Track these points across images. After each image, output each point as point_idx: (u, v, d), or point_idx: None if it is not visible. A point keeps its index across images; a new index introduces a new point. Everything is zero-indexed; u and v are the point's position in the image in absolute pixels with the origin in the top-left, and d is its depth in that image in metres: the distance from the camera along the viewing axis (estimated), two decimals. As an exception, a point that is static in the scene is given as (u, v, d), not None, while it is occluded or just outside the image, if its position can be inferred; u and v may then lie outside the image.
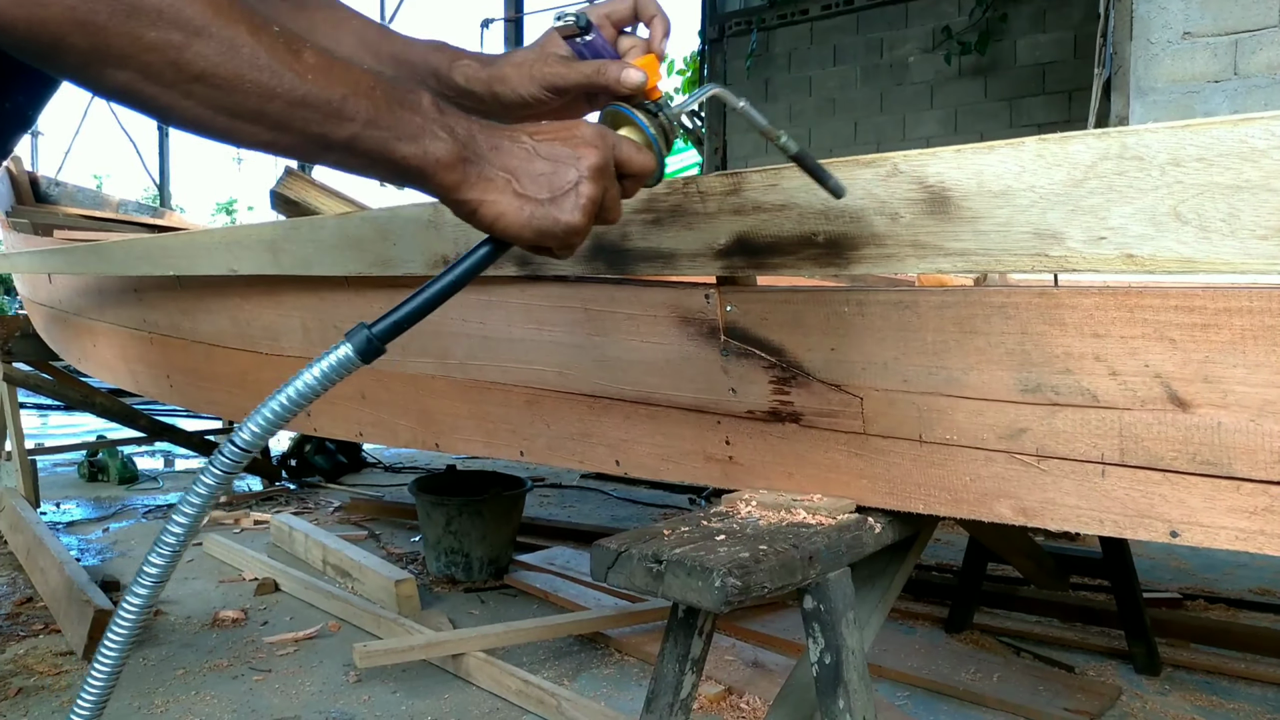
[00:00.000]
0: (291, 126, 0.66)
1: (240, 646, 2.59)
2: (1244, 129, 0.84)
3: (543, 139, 0.76)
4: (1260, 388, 0.93)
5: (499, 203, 0.74)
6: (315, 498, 4.56)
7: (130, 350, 2.99)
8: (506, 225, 0.75)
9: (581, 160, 0.75)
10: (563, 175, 0.75)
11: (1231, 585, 3.04)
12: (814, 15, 7.10)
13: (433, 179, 0.72)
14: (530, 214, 0.74)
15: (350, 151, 0.69)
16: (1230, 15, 3.23)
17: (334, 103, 0.66)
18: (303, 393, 0.76)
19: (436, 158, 0.71)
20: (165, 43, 0.59)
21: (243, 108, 0.64)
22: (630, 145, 0.80)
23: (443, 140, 0.71)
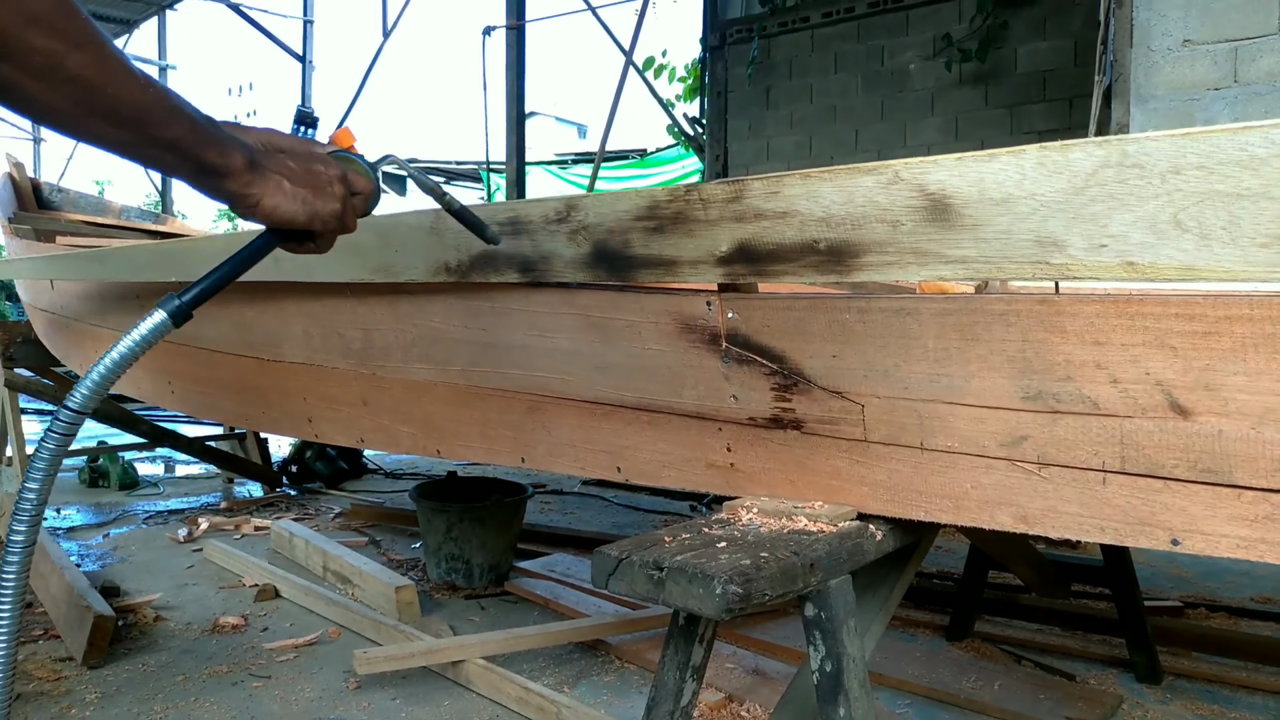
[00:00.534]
0: (130, 126, 0.85)
1: (240, 653, 2.59)
2: (1244, 137, 0.84)
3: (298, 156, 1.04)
4: (1261, 395, 0.93)
5: (274, 196, 0.99)
6: (316, 504, 4.56)
7: (132, 356, 2.99)
8: (283, 212, 1.00)
9: (330, 170, 1.05)
10: (319, 177, 1.03)
11: (1233, 593, 3.03)
12: (815, 23, 7.11)
13: (229, 178, 0.95)
14: (301, 201, 1.01)
15: (172, 150, 0.89)
16: (1230, 23, 3.24)
17: (166, 111, 0.87)
18: (125, 355, 0.95)
19: (232, 163, 0.94)
20: (50, 49, 0.75)
21: (98, 106, 0.81)
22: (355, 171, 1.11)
23: (238, 152, 0.95)
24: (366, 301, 1.87)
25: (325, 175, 1.04)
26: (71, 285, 3.19)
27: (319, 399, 2.16)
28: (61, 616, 2.71)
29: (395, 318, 1.82)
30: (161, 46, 13.27)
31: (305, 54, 11.40)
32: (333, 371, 2.06)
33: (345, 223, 1.07)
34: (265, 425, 2.56)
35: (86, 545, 3.79)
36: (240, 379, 2.43)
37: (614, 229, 1.31)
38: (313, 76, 11.33)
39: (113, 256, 2.65)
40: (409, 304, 1.77)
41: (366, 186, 1.11)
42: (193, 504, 4.62)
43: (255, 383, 2.38)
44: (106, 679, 2.40)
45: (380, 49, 9.97)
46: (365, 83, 9.93)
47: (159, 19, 12.88)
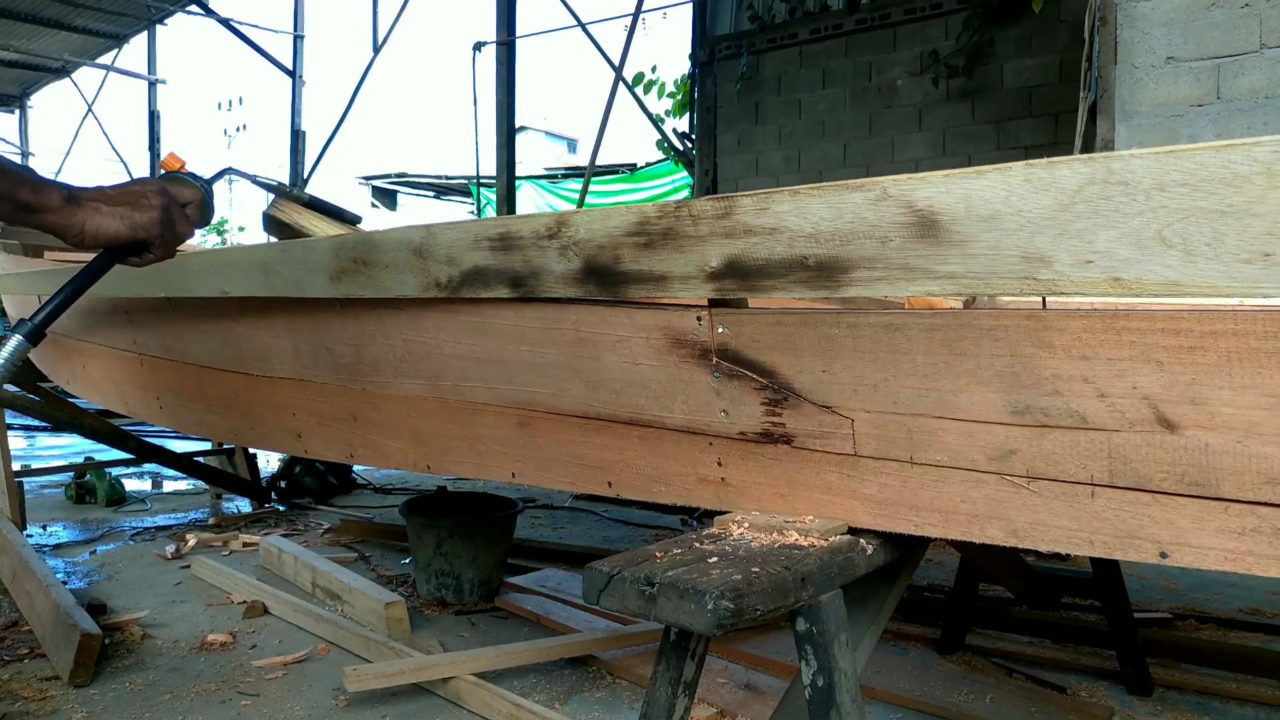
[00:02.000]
0: None
1: (228, 670, 2.56)
2: (1227, 154, 0.85)
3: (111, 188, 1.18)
4: (1246, 409, 0.94)
5: (95, 219, 1.12)
6: (305, 519, 4.53)
7: (120, 371, 2.98)
8: (105, 230, 1.13)
9: (145, 187, 1.19)
10: (134, 194, 1.17)
11: (1222, 605, 3.05)
12: (803, 39, 7.17)
13: (48, 211, 1.07)
14: (120, 218, 1.14)
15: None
16: (1213, 40, 3.28)
17: None
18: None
19: (49, 197, 1.08)
20: None
21: None
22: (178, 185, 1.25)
23: (53, 190, 1.08)
24: (357, 317, 1.87)
25: (139, 191, 1.17)
26: (59, 300, 3.17)
27: (308, 414, 2.16)
28: (47, 635, 2.68)
29: (385, 333, 1.82)
30: (151, 61, 13.27)
31: (296, 69, 11.40)
32: (322, 387, 2.06)
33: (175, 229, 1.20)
34: (254, 441, 2.54)
35: (73, 562, 3.76)
36: (229, 394, 2.42)
37: (604, 245, 1.32)
38: (303, 91, 11.34)
39: (101, 272, 2.64)
40: (399, 319, 1.77)
41: (193, 196, 1.27)
42: (180, 520, 4.59)
43: (244, 398, 2.37)
44: (93, 698, 2.38)
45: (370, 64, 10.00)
46: (355, 97, 9.95)
47: (149, 34, 12.88)
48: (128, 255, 1.20)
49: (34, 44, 12.07)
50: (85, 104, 13.66)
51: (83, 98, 13.67)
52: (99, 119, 13.86)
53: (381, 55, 10.12)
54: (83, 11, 11.20)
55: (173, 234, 1.19)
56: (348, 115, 9.98)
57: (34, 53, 12.33)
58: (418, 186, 17.18)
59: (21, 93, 14.54)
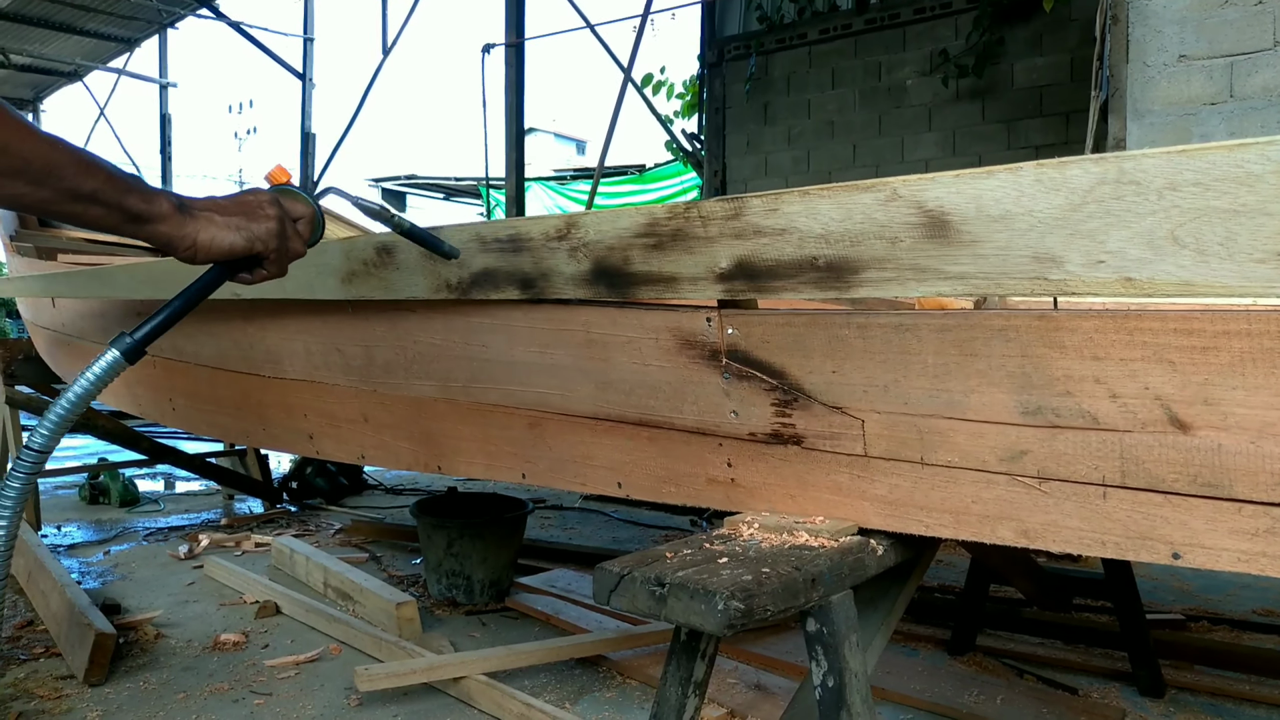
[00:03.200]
0: (47, 182, 0.88)
1: (241, 670, 2.58)
2: (1240, 154, 0.85)
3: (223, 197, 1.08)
4: (1260, 410, 0.93)
5: (209, 230, 1.02)
6: (316, 520, 4.55)
7: (132, 373, 2.99)
8: (220, 243, 1.03)
9: (259, 196, 1.10)
10: (249, 204, 1.08)
11: (1235, 607, 3.03)
12: (812, 39, 7.16)
13: (158, 221, 0.98)
14: (236, 228, 1.05)
15: (94, 201, 0.92)
16: (1226, 38, 3.26)
17: (80, 166, 0.90)
18: (81, 395, 0.97)
19: (159, 206, 0.98)
20: None
21: (9, 167, 0.85)
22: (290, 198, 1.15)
23: (161, 199, 0.98)
24: (368, 318, 1.88)
25: (254, 202, 1.08)
26: (73, 303, 3.20)
27: (320, 415, 2.17)
28: (62, 634, 2.70)
29: (396, 335, 1.83)
30: (163, 65, 13.35)
31: (306, 72, 11.46)
32: (333, 388, 2.07)
33: (288, 245, 1.11)
34: (266, 442, 2.56)
35: (87, 562, 3.78)
36: (241, 396, 2.43)
37: (614, 246, 1.32)
38: (313, 94, 11.39)
39: (114, 274, 2.66)
40: (410, 321, 1.78)
41: (305, 211, 1.16)
42: (193, 521, 4.61)
43: (256, 399, 2.38)
44: (108, 697, 2.40)
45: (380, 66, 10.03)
46: (365, 100, 9.98)
47: (160, 38, 12.96)
48: (240, 271, 1.10)
49: (47, 48, 12.16)
50: (97, 107, 13.75)
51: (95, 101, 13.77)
52: (111, 122, 13.94)
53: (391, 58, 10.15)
54: (94, 16, 11.28)
55: (287, 249, 1.11)
56: (357, 118, 10.02)
57: (46, 57, 12.42)
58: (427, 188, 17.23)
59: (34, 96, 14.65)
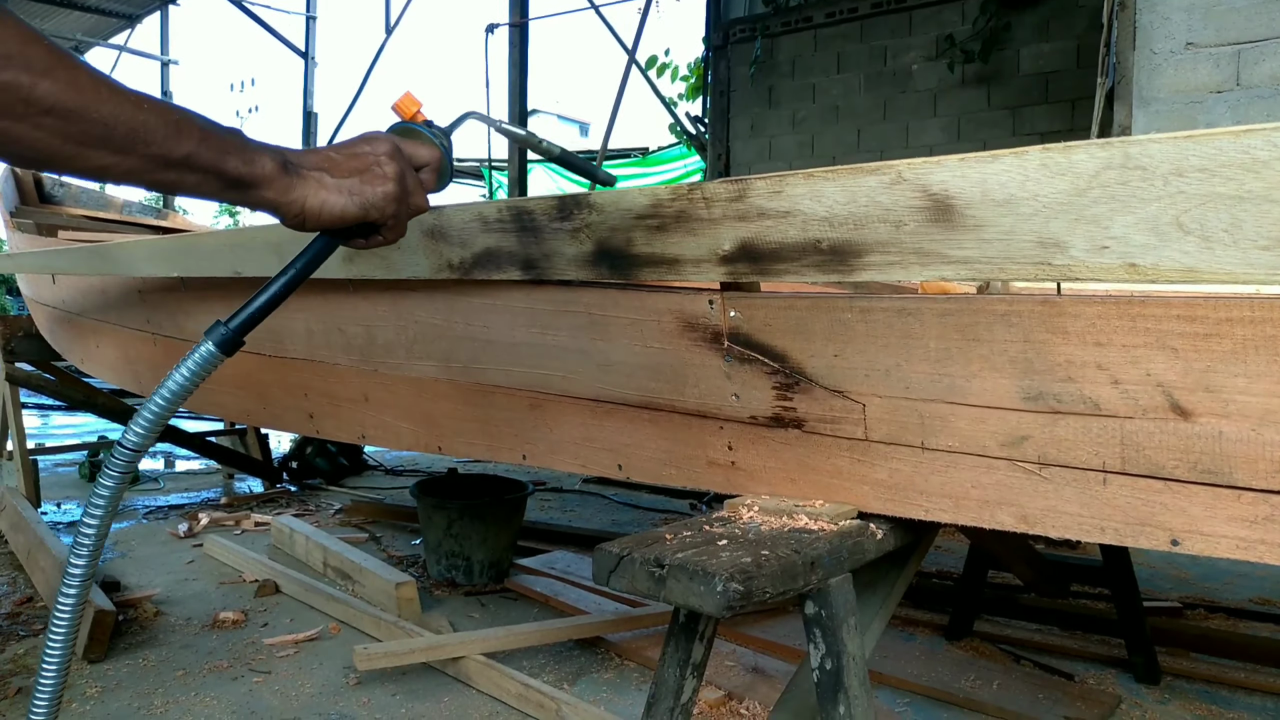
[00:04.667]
0: (134, 149, 0.77)
1: (240, 648, 2.59)
2: (1246, 140, 0.84)
3: (337, 147, 0.93)
4: (1261, 397, 0.93)
5: (319, 194, 0.88)
6: (316, 500, 4.56)
7: (133, 351, 3.00)
8: (331, 209, 0.89)
9: (377, 148, 0.93)
10: (365, 160, 0.92)
11: (1232, 594, 3.04)
12: (818, 22, 7.11)
13: (262, 185, 0.85)
14: (349, 192, 0.90)
15: (188, 167, 0.80)
16: (1233, 26, 3.24)
17: (170, 126, 0.78)
18: (175, 391, 0.88)
19: (262, 168, 0.85)
20: (15, 83, 0.68)
21: (89, 135, 0.74)
22: (414, 142, 0.99)
23: (264, 157, 0.85)
24: (369, 298, 1.87)
25: (371, 156, 0.92)
26: (73, 280, 3.19)
27: (320, 395, 2.17)
28: (62, 610, 2.71)
29: (398, 314, 1.82)
30: (164, 42, 13.28)
31: (308, 50, 11.40)
32: (334, 368, 2.07)
33: (410, 202, 0.96)
34: (266, 421, 2.56)
35: (87, 540, 3.79)
36: (242, 375, 2.43)
37: (617, 227, 1.32)
38: (315, 73, 11.34)
39: (114, 251, 2.65)
40: (412, 301, 1.78)
41: (431, 156, 1.00)
42: (193, 499, 4.63)
43: (257, 378, 2.38)
44: (107, 673, 2.41)
45: (383, 45, 9.98)
46: (368, 79, 9.94)
47: (161, 14, 12.89)
48: (353, 237, 0.95)
49: (47, 24, 12.09)
50: (98, 84, 13.67)
51: (96, 78, 13.68)
52: (112, 100, 13.87)
53: (394, 36, 10.09)
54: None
55: (407, 209, 0.96)
56: (360, 96, 9.98)
57: (47, 32, 12.33)
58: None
59: (35, 73, 14.58)
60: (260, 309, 0.91)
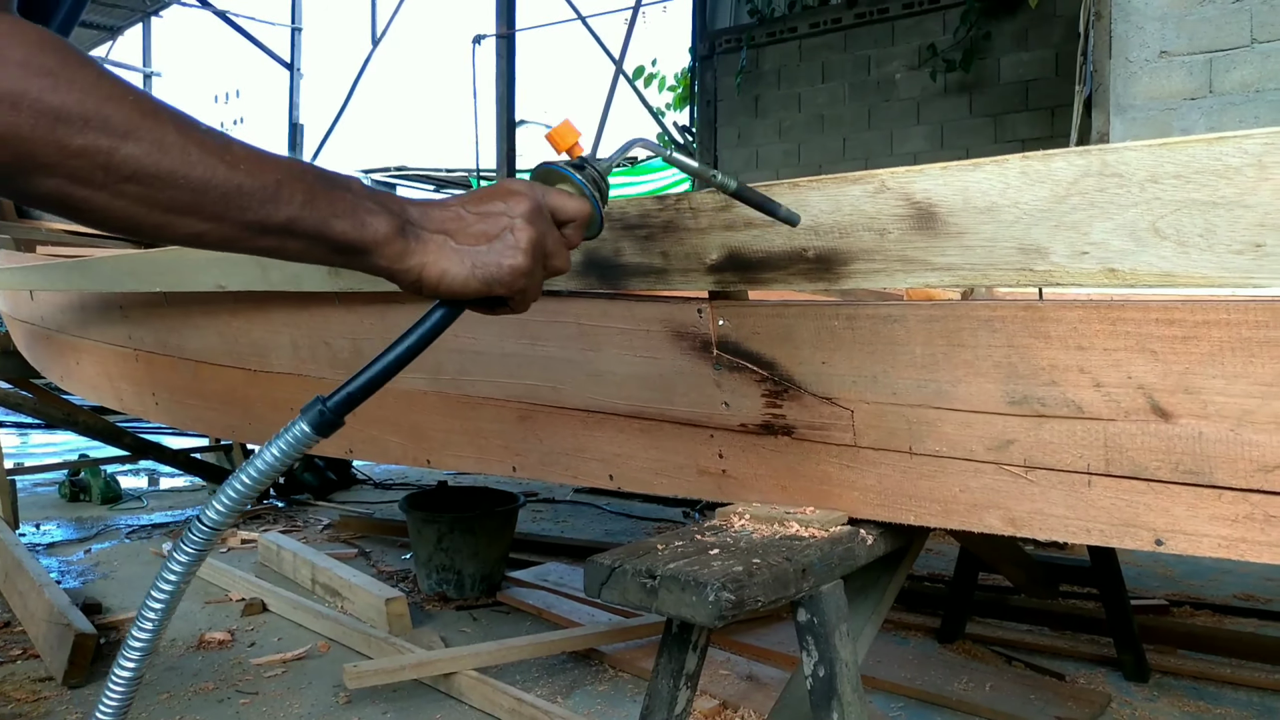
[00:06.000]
0: (228, 215, 0.67)
1: (226, 669, 2.57)
2: (1219, 147, 0.86)
3: (472, 198, 0.80)
4: (1238, 398, 0.95)
5: (439, 262, 0.76)
6: (304, 515, 4.54)
7: (114, 368, 2.98)
8: (452, 281, 0.77)
9: (513, 207, 0.79)
10: (496, 223, 0.78)
11: (1217, 591, 3.07)
12: (802, 33, 7.17)
13: (374, 251, 0.74)
14: (472, 265, 0.77)
15: (289, 233, 0.71)
16: (1205, 35, 3.29)
17: (269, 188, 0.68)
18: (263, 470, 0.79)
19: (375, 230, 0.73)
20: (94, 148, 0.60)
21: (177, 202, 0.65)
22: (561, 194, 0.85)
23: (378, 214, 0.74)
24: (355, 310, 1.88)
25: (505, 219, 0.78)
26: (52, 295, 3.17)
27: (309, 410, 2.16)
28: (41, 635, 2.67)
29: (385, 327, 1.83)
30: (146, 53, 13.24)
31: (294, 62, 11.38)
32: (320, 382, 2.06)
33: (548, 266, 0.82)
34: (252, 437, 2.55)
35: (67, 561, 3.75)
36: (226, 390, 2.42)
37: (605, 237, 1.33)
38: (301, 84, 11.32)
39: (94, 266, 2.64)
40: (400, 313, 1.78)
41: (578, 212, 0.85)
42: (177, 517, 4.59)
43: (241, 394, 2.37)
44: (88, 699, 2.38)
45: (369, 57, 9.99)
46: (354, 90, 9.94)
47: (144, 25, 12.85)
48: (476, 307, 0.83)
49: (27, 40, 12.02)
50: (79, 100, 13.61)
51: (76, 94, 13.61)
52: (92, 116, 13.80)
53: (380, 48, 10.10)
54: (76, 6, 11.16)
55: (539, 281, 0.82)
56: (346, 108, 9.97)
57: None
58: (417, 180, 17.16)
59: (14, 89, 14.49)
60: (362, 388, 0.81)
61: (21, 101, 0.57)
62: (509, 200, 0.79)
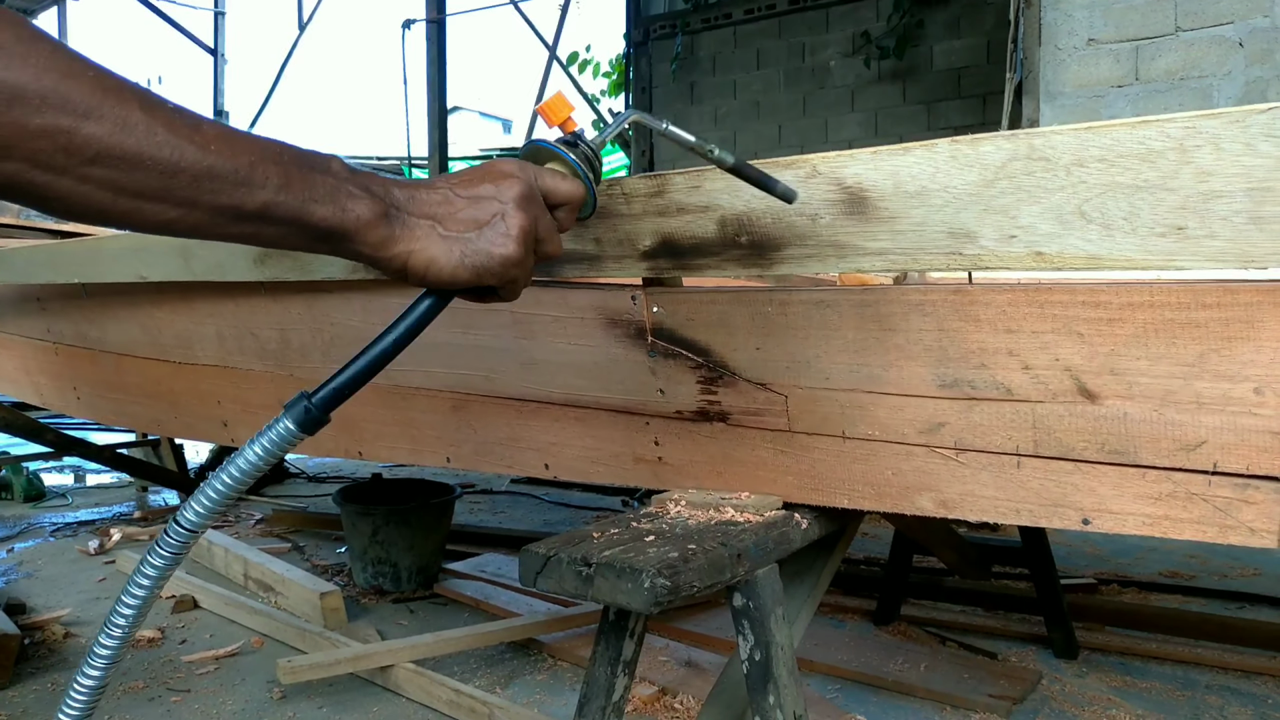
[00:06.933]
0: (199, 201, 0.63)
1: (157, 667, 2.49)
2: (1142, 131, 0.87)
3: (461, 180, 0.76)
4: (1162, 379, 0.97)
5: (426, 249, 0.72)
6: (235, 510, 4.42)
7: (33, 362, 2.85)
8: (439, 270, 0.73)
9: (504, 191, 0.75)
10: (486, 209, 0.74)
11: (1143, 569, 3.17)
12: (737, 19, 7.18)
13: (355, 238, 0.70)
14: (461, 253, 0.73)
15: (265, 219, 0.66)
16: (1131, 23, 3.38)
17: (242, 171, 0.64)
18: (245, 470, 0.75)
19: (357, 215, 0.69)
20: (54, 128, 0.56)
21: (145, 186, 0.61)
22: (554, 174, 0.81)
23: (360, 198, 0.69)
24: (282, 300, 1.82)
25: (495, 204, 0.74)
26: (-35, 288, 3.02)
27: (234, 402, 2.09)
28: (-39, 637, 2.57)
29: (313, 316, 1.77)
30: (62, 38, 12.69)
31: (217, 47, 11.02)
32: (248, 374, 2.00)
33: (539, 252, 0.79)
34: (178, 430, 2.46)
35: (-12, 561, 3.61)
36: (150, 383, 2.33)
37: (536, 224, 1.30)
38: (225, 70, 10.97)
39: (7, 257, 2.52)
40: (327, 302, 1.73)
41: (570, 194, 0.81)
42: (104, 514, 4.44)
43: (167, 386, 2.29)
44: (12, 700, 2.29)
45: (296, 42, 9.73)
46: (281, 76, 9.68)
47: (59, 9, 12.30)
48: (464, 297, 0.80)
49: (-67, 18, 11.44)
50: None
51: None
52: (7, 98, 13.21)
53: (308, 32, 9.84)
54: (-14, -16, 10.66)
55: (530, 268, 0.78)
56: (273, 94, 9.70)
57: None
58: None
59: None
60: (348, 382, 0.77)
61: None
62: (500, 183, 0.75)
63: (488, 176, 0.76)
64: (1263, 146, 0.82)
